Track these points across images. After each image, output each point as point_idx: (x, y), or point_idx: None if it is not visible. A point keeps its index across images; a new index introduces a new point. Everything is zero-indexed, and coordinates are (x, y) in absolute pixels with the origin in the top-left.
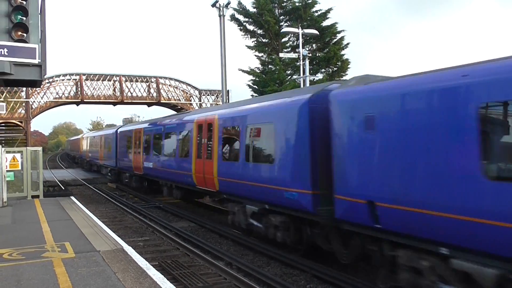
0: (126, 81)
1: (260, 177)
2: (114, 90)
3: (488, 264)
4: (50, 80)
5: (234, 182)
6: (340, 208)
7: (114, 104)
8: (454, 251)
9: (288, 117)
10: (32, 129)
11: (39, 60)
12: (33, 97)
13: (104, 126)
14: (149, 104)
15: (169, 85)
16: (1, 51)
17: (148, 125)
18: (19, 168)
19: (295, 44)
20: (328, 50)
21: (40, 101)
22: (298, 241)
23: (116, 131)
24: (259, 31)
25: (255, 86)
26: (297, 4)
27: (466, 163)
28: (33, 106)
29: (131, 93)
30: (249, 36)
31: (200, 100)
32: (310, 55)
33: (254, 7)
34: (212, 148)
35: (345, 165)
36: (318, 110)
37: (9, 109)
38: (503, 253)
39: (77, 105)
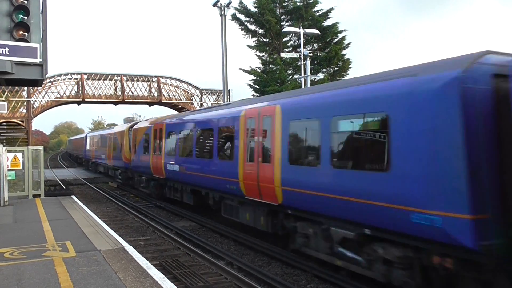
0: (127, 80)
1: (360, 190)
2: (115, 89)
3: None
4: (52, 79)
5: (311, 195)
6: None
7: (115, 103)
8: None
9: (421, 105)
10: (33, 129)
11: (40, 60)
12: (34, 96)
13: (105, 126)
14: (150, 104)
15: (170, 85)
16: (2, 51)
17: (174, 119)
18: (20, 167)
19: (296, 43)
20: (329, 49)
21: (41, 101)
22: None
23: (132, 127)
24: (260, 31)
25: (256, 86)
26: (298, 3)
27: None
28: (34, 105)
29: (132, 93)
30: (250, 35)
31: (201, 100)
32: (311, 54)
33: (255, 7)
34: (271, 148)
35: None
36: (474, 93)
37: (10, 108)
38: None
39: (78, 105)
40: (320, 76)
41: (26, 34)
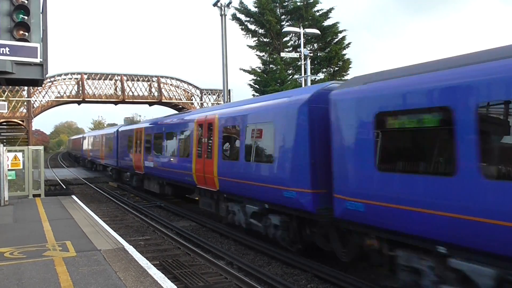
0: (127, 80)
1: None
2: (115, 89)
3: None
4: (52, 79)
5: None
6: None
7: (116, 103)
8: None
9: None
10: (33, 128)
11: (41, 59)
12: (34, 96)
13: (105, 126)
14: (151, 104)
15: (171, 85)
16: (2, 50)
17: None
18: (21, 167)
19: (296, 43)
20: (329, 49)
21: (41, 100)
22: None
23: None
24: (261, 31)
25: (256, 86)
26: (298, 3)
27: None
28: (34, 105)
29: (133, 93)
30: (250, 35)
31: (201, 100)
32: (312, 54)
33: (255, 7)
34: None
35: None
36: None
37: (10, 108)
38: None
39: (79, 104)
40: (320, 76)
41: (27, 34)
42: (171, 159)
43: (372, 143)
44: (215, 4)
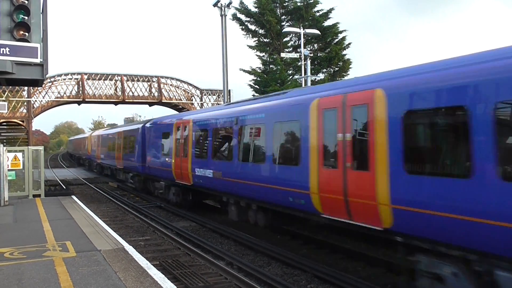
0: (127, 80)
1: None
2: (115, 89)
3: None
4: (52, 79)
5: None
6: None
7: (116, 103)
8: None
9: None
10: (33, 128)
11: (41, 60)
12: (34, 96)
13: (105, 126)
14: (151, 104)
15: (171, 85)
16: (3, 50)
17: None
18: (21, 167)
19: (296, 44)
20: (329, 50)
21: (41, 101)
22: None
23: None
24: (261, 31)
25: (256, 86)
26: (298, 4)
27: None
28: (34, 105)
29: (133, 93)
30: (250, 35)
31: (201, 100)
32: (312, 55)
33: (255, 7)
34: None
35: None
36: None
37: (10, 108)
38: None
39: (79, 105)
40: (321, 76)
41: (27, 34)
42: (264, 167)
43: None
44: (215, 5)
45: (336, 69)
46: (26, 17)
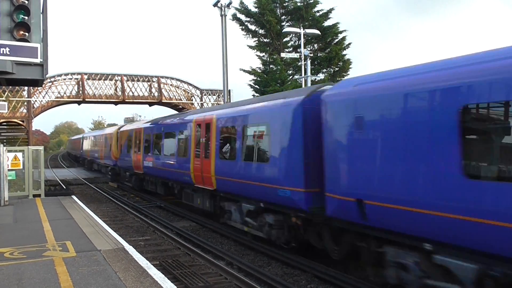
0: (127, 80)
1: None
2: (115, 89)
3: None
4: (52, 79)
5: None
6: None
7: (116, 103)
8: None
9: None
10: (33, 128)
11: (41, 60)
12: (34, 96)
13: (105, 126)
14: (151, 104)
15: (171, 85)
16: (3, 51)
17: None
18: (21, 167)
19: (296, 44)
20: (329, 50)
21: (41, 101)
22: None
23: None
24: (261, 31)
25: (256, 86)
26: (298, 4)
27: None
28: (34, 105)
29: (133, 93)
30: (250, 35)
31: (201, 100)
32: (312, 55)
33: (255, 7)
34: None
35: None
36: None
37: (10, 108)
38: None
39: (79, 105)
40: (321, 76)
41: (27, 34)
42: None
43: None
44: (215, 5)
45: (336, 69)
46: (26, 17)
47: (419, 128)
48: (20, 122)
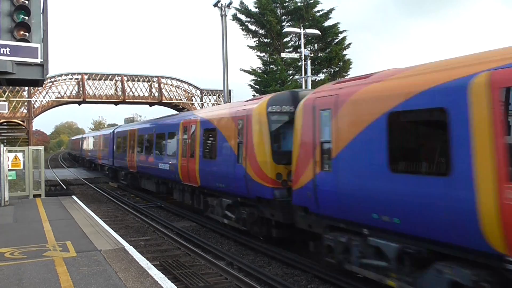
0: (128, 80)
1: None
2: (116, 89)
3: None
4: (52, 79)
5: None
6: None
7: (116, 103)
8: None
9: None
10: (34, 129)
11: (41, 60)
12: (35, 96)
13: (106, 126)
14: (151, 104)
15: (171, 85)
16: (3, 51)
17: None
18: (21, 167)
19: (296, 44)
20: (330, 50)
21: (42, 101)
22: None
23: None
24: (261, 31)
25: (256, 86)
26: (299, 4)
27: None
28: (35, 105)
29: (133, 93)
30: (251, 36)
31: (201, 100)
32: (312, 55)
33: (256, 7)
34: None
35: None
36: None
37: (11, 108)
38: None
39: (79, 105)
40: (321, 76)
41: (27, 34)
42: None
43: None
44: (215, 5)
45: (337, 69)
46: (27, 17)
47: None
48: (21, 122)
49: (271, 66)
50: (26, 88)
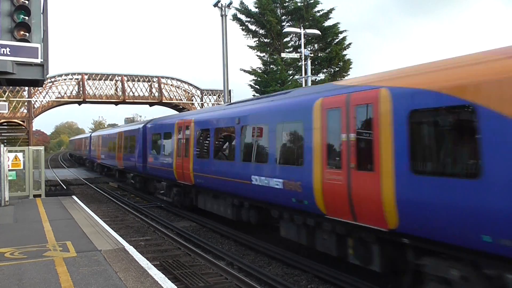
0: (128, 80)
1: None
2: (116, 89)
3: None
4: (52, 79)
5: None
6: None
7: (116, 103)
8: None
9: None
10: (34, 129)
11: (41, 60)
12: (35, 96)
13: (106, 126)
14: (151, 104)
15: (171, 85)
16: (3, 51)
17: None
18: (21, 167)
19: (297, 44)
20: (330, 50)
21: (42, 101)
22: None
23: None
24: (261, 31)
25: (256, 86)
26: (299, 4)
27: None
28: (35, 105)
29: (133, 93)
30: (251, 36)
31: (202, 100)
32: (312, 55)
33: (256, 7)
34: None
35: None
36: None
37: (11, 108)
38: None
39: (79, 105)
40: (321, 76)
41: (27, 34)
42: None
43: None
44: (215, 5)
45: (337, 69)
46: (27, 17)
47: None
48: (21, 122)
49: (271, 66)
50: (26, 88)
